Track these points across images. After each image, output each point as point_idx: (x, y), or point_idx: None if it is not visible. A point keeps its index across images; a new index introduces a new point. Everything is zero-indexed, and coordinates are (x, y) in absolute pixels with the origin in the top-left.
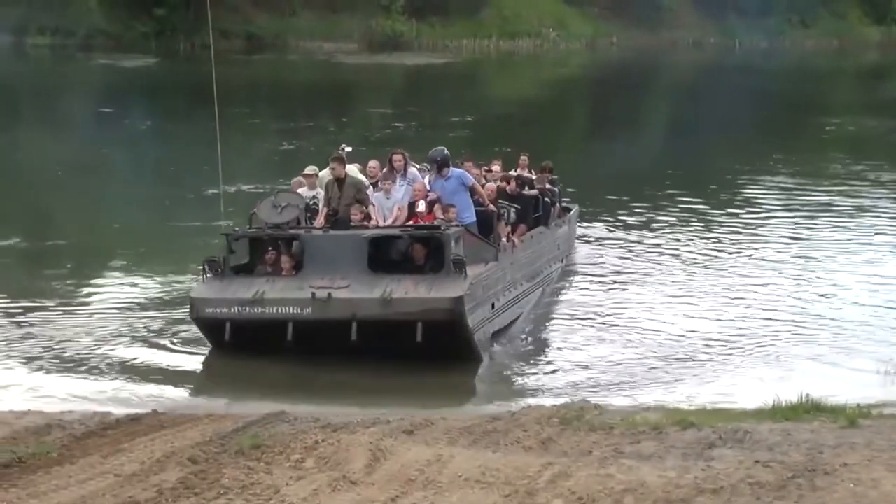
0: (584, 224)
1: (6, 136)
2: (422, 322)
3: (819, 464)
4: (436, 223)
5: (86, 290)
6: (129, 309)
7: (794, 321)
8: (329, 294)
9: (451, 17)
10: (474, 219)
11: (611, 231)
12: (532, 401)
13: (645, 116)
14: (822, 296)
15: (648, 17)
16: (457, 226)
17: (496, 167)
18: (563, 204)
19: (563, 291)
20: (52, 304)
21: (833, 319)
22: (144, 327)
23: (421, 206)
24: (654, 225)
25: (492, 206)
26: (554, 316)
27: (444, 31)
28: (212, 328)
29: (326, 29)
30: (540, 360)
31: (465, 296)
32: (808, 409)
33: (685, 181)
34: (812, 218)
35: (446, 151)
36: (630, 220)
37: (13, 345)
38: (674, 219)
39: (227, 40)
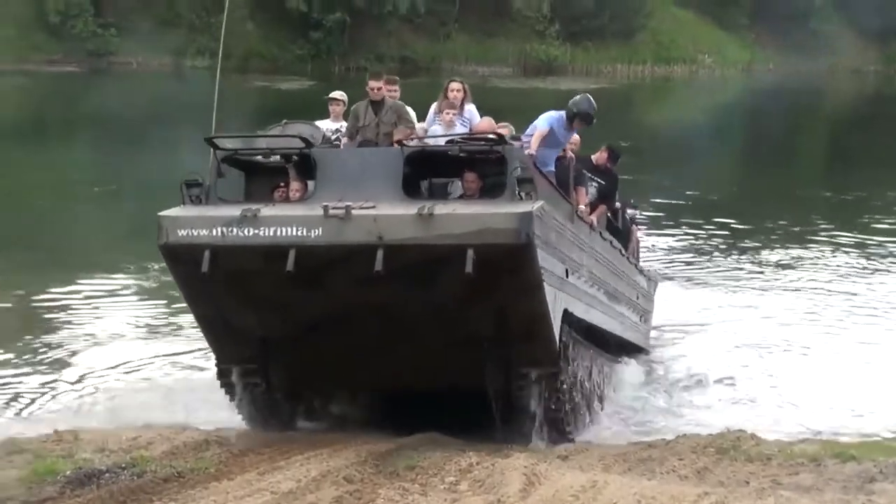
0: (734, 244)
1: (167, 156)
2: (473, 248)
3: None
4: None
5: None
6: None
7: None
8: (347, 210)
9: (606, 41)
10: (552, 170)
11: (759, 258)
12: (687, 429)
13: (802, 144)
14: None
15: (806, 44)
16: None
17: None
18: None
19: (712, 321)
20: None
21: None
22: None
23: None
24: (804, 254)
25: (571, 153)
26: (705, 345)
27: (598, 56)
28: (184, 258)
29: (481, 53)
30: (694, 389)
31: (536, 217)
32: None
33: (841, 210)
34: None
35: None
36: (781, 245)
37: (174, 360)
38: (825, 248)
39: (381, 63)
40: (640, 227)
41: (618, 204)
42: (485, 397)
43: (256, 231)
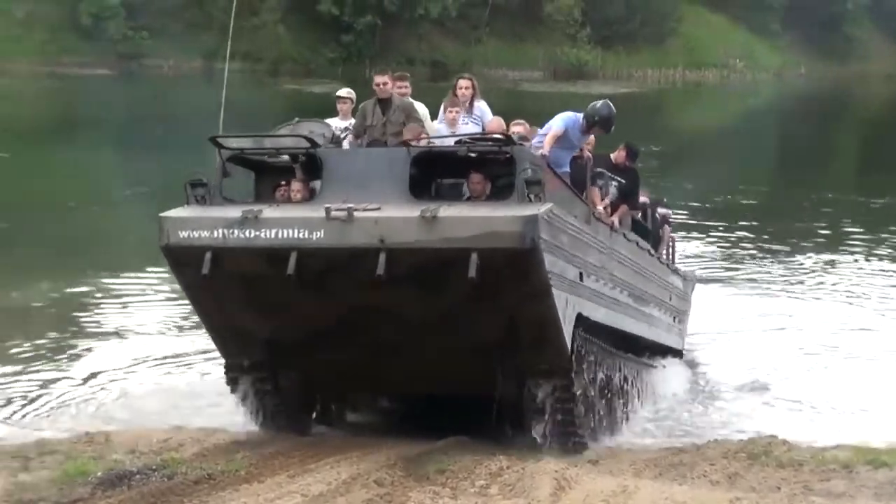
0: (766, 248)
1: (197, 157)
2: (477, 252)
3: None
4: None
5: None
6: None
7: None
8: (350, 212)
9: (637, 45)
10: (568, 171)
11: (792, 262)
12: (718, 434)
13: (834, 149)
14: None
15: (839, 48)
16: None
17: None
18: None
19: (742, 326)
20: None
21: None
22: None
23: None
24: (837, 258)
25: (588, 153)
26: (736, 350)
27: (629, 60)
28: (185, 259)
29: (512, 57)
30: (725, 394)
31: (543, 220)
32: None
33: (874, 215)
34: None
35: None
36: (814, 250)
37: (204, 360)
38: (857, 252)
39: (412, 67)
40: (671, 227)
41: (645, 199)
42: (492, 401)
43: (258, 233)
